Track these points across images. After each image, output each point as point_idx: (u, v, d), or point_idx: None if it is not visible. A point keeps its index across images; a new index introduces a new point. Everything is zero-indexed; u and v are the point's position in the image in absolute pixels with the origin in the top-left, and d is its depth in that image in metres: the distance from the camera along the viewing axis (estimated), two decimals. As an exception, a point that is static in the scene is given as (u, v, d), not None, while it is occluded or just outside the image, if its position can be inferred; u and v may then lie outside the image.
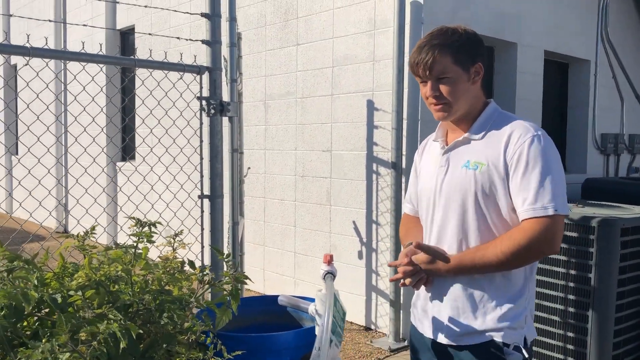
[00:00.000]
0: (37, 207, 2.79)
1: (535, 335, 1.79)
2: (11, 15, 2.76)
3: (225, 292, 1.74)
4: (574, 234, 3.35)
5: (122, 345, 1.28)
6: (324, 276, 1.69)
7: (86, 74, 2.98)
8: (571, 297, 3.37)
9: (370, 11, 4.54)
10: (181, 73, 2.95)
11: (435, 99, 1.76)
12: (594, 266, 3.26)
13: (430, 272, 1.77)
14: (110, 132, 6.70)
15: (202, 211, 3.04)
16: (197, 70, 2.95)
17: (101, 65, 2.76)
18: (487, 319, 1.71)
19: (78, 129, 3.19)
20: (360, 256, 4.70)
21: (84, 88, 2.89)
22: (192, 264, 1.76)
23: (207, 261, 3.12)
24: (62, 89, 7.66)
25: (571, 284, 3.37)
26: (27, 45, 2.42)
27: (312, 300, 1.82)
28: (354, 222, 4.73)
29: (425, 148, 1.99)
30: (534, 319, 3.51)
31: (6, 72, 10.31)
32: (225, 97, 3.20)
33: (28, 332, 1.53)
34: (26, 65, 2.57)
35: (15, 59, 10.08)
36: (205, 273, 1.73)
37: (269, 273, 5.57)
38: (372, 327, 4.68)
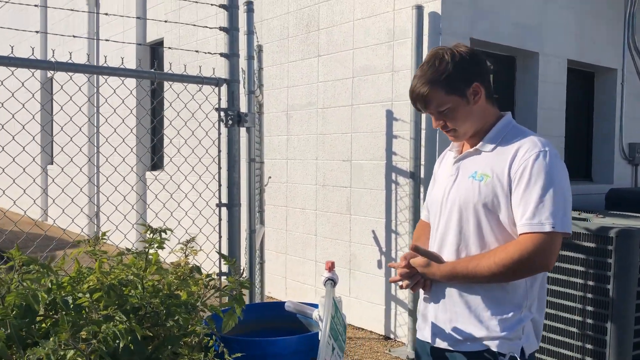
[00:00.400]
0: (60, 214, 2.91)
1: (536, 347, 1.79)
2: (37, 32, 2.90)
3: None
4: (592, 245, 3.32)
5: (121, 344, 1.35)
6: (325, 282, 1.73)
7: (117, 86, 3.11)
8: (589, 308, 3.33)
9: (389, 22, 4.58)
10: (200, 85, 3.04)
11: (443, 129, 1.83)
12: (613, 277, 3.22)
13: (426, 275, 1.81)
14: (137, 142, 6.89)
15: (220, 219, 3.11)
16: (216, 82, 3.03)
17: (122, 79, 2.87)
18: (483, 327, 1.73)
19: (108, 140, 3.32)
20: (379, 265, 4.72)
21: (106, 100, 3.00)
22: (198, 269, 1.83)
23: (225, 268, 3.19)
24: (88, 101, 7.90)
25: (589, 295, 3.33)
26: (52, 59, 2.53)
27: (317, 306, 1.86)
28: (373, 231, 4.75)
29: (444, 157, 2.03)
30: (553, 331, 3.49)
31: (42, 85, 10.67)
32: (243, 108, 3.28)
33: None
34: (51, 78, 2.69)
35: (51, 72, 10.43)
36: (211, 278, 1.79)
37: (290, 281, 5.62)
38: (391, 336, 4.68)
